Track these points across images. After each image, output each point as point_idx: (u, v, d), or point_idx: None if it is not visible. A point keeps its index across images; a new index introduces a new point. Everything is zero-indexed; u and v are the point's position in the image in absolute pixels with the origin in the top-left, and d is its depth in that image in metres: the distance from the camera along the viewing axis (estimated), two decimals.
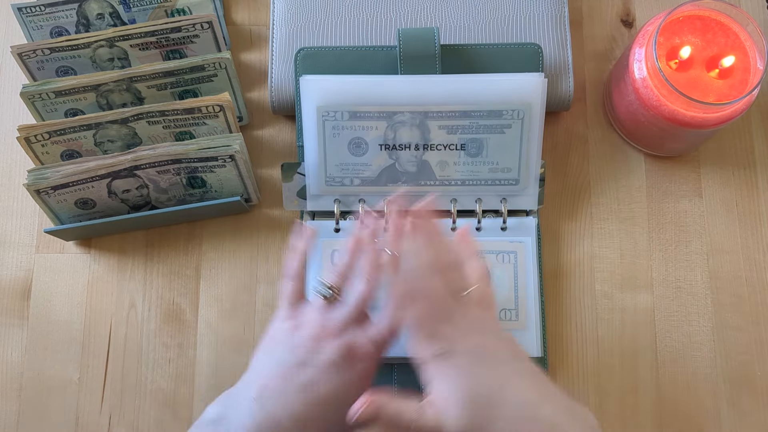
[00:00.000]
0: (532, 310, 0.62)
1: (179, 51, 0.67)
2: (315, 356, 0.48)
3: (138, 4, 0.67)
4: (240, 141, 0.62)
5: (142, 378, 0.64)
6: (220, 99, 0.62)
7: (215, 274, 0.66)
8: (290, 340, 0.50)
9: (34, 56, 0.65)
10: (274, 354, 0.50)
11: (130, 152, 0.61)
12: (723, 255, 0.66)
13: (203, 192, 0.65)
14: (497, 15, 0.67)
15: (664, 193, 0.68)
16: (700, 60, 0.61)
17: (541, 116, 0.62)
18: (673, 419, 0.63)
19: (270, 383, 0.48)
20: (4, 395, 0.63)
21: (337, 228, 0.64)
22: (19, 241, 0.67)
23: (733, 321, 0.65)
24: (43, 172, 0.61)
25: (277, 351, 0.50)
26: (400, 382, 0.63)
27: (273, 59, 0.67)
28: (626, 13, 0.72)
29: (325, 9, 0.67)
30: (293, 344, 0.49)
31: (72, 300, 0.65)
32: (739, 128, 0.69)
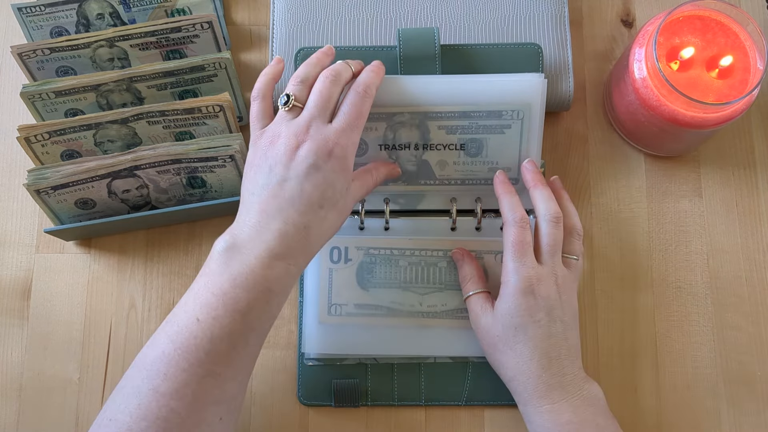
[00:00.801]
0: None
1: (179, 51, 0.67)
2: (292, 168, 0.51)
3: (138, 4, 0.67)
4: (240, 141, 0.62)
5: None
6: (220, 99, 0.62)
7: None
8: (267, 162, 0.52)
9: (34, 56, 0.65)
10: (257, 181, 0.52)
11: (130, 152, 0.61)
12: (723, 255, 0.66)
13: (203, 192, 0.65)
14: (497, 15, 0.67)
15: (664, 193, 0.68)
16: (700, 60, 0.61)
17: (541, 116, 0.62)
18: (673, 419, 0.63)
19: (265, 207, 0.50)
20: (4, 395, 0.63)
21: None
22: (19, 241, 0.67)
23: (733, 321, 0.65)
24: (43, 172, 0.61)
25: (259, 177, 0.52)
26: (400, 381, 0.63)
27: (273, 59, 0.67)
28: (626, 13, 0.72)
29: (325, 9, 0.67)
30: (270, 165, 0.52)
31: (72, 300, 0.66)
32: (739, 128, 0.69)
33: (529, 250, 0.56)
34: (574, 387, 0.55)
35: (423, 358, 0.63)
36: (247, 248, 0.49)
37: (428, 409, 0.63)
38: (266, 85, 0.56)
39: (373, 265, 0.63)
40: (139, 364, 0.49)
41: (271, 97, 0.57)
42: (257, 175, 0.52)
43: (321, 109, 0.53)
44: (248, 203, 0.52)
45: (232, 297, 0.48)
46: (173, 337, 0.48)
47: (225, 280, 0.48)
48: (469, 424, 0.63)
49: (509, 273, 0.56)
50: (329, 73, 0.55)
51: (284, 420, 0.63)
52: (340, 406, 0.62)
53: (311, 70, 0.56)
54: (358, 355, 0.62)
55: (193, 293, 0.50)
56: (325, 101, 0.53)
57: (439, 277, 0.63)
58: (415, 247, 0.63)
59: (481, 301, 0.59)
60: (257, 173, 0.52)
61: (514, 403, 0.62)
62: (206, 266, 0.51)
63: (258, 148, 0.53)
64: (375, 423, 0.63)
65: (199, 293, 0.49)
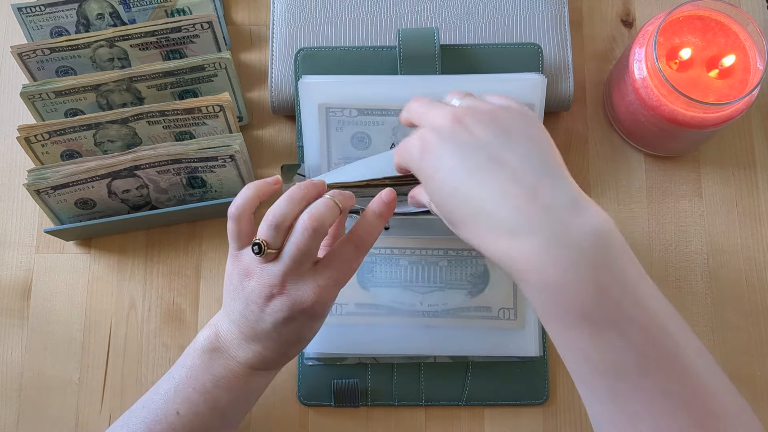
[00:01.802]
0: (530, 310, 0.62)
1: (179, 51, 0.67)
2: (267, 314, 0.49)
3: (138, 4, 0.67)
4: (240, 141, 0.62)
5: (142, 378, 0.64)
6: (220, 99, 0.62)
7: (215, 274, 0.66)
8: (243, 293, 0.50)
9: (34, 56, 0.65)
10: (235, 303, 0.51)
11: (130, 152, 0.61)
12: (723, 255, 0.66)
13: (203, 192, 0.65)
14: (497, 15, 0.67)
15: (664, 193, 0.68)
16: (700, 60, 0.61)
17: (541, 116, 0.62)
18: None
19: (244, 331, 0.50)
20: (4, 395, 0.63)
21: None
22: (19, 241, 0.67)
23: (733, 321, 0.65)
24: (43, 172, 0.61)
25: (236, 301, 0.50)
26: (400, 381, 0.63)
27: (273, 59, 0.67)
28: (626, 13, 0.72)
29: (325, 9, 0.67)
30: (246, 299, 0.49)
31: (72, 300, 0.65)
32: (739, 128, 0.69)
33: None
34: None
35: (423, 358, 0.63)
36: (230, 354, 0.50)
37: (428, 409, 0.63)
38: (246, 204, 0.50)
39: (374, 265, 0.63)
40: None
41: (250, 218, 0.51)
42: (235, 300, 0.50)
43: (298, 264, 0.48)
44: (229, 315, 0.51)
45: (214, 396, 0.50)
46: (151, 426, 0.50)
47: (208, 380, 0.50)
48: (469, 424, 0.63)
49: (420, 187, 0.50)
50: (310, 224, 0.47)
51: (284, 420, 0.63)
52: (340, 406, 0.62)
53: (289, 211, 0.48)
54: (358, 355, 0.62)
55: (174, 384, 0.51)
56: (302, 256, 0.48)
57: (440, 276, 0.63)
58: (415, 246, 0.63)
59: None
60: (235, 298, 0.50)
61: (514, 403, 0.63)
62: (188, 358, 0.51)
63: (235, 269, 0.50)
64: (375, 423, 0.63)
65: (180, 386, 0.50)
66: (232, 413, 0.51)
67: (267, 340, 0.50)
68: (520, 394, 0.62)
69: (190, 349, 0.52)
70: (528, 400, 0.62)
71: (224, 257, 0.66)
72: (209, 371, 0.50)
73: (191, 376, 0.50)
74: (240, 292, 0.50)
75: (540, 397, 0.62)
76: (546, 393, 0.63)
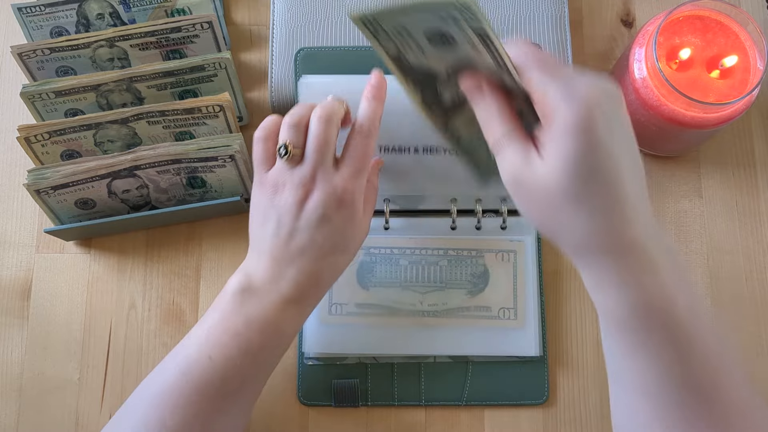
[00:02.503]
0: (531, 310, 0.62)
1: (179, 51, 0.67)
2: (302, 219, 0.50)
3: (138, 4, 0.67)
4: (240, 141, 0.62)
5: (141, 378, 0.63)
6: (220, 99, 0.62)
7: (215, 274, 0.66)
8: (275, 210, 0.50)
9: (34, 56, 0.65)
10: (266, 227, 0.51)
11: (130, 152, 0.61)
12: (723, 255, 0.66)
13: (203, 192, 0.65)
14: (497, 15, 0.67)
15: (664, 193, 0.68)
16: (700, 60, 0.61)
17: None
18: None
19: (276, 255, 0.50)
20: (4, 395, 0.63)
21: None
22: (19, 241, 0.67)
23: (733, 321, 0.65)
24: (43, 172, 0.61)
25: (268, 225, 0.50)
26: (400, 381, 0.63)
27: (273, 59, 0.67)
28: (626, 13, 0.72)
29: (325, 9, 0.67)
30: (278, 215, 0.50)
31: (72, 300, 0.66)
32: (739, 128, 0.69)
33: (559, 65, 0.42)
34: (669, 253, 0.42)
35: (423, 358, 0.63)
36: (261, 292, 0.50)
37: (428, 409, 0.63)
38: (273, 125, 0.53)
39: (374, 265, 0.63)
40: (145, 393, 0.49)
41: (276, 139, 0.53)
42: (266, 223, 0.51)
43: (322, 154, 0.50)
44: (259, 248, 0.51)
45: (246, 338, 0.49)
46: (185, 370, 0.48)
47: (240, 322, 0.49)
48: (469, 424, 0.63)
49: (558, 102, 0.40)
50: (322, 114, 0.51)
51: (284, 420, 0.63)
52: (340, 406, 0.62)
53: (303, 111, 0.52)
54: (358, 355, 0.62)
55: (206, 329, 0.50)
56: (323, 145, 0.50)
57: (440, 275, 0.63)
58: (415, 246, 0.63)
59: (521, 146, 0.42)
60: (266, 221, 0.51)
61: (514, 403, 0.63)
62: (219, 302, 0.51)
63: (263, 193, 0.52)
64: (375, 423, 0.63)
65: (212, 331, 0.49)
66: (264, 358, 0.50)
67: (301, 259, 0.49)
68: (520, 394, 0.62)
69: (221, 294, 0.51)
70: (528, 400, 0.62)
71: (224, 257, 0.66)
72: (241, 313, 0.49)
73: (223, 318, 0.49)
74: (271, 211, 0.50)
75: (540, 397, 0.62)
76: (546, 393, 0.63)
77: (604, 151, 0.40)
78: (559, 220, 0.41)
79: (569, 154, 0.39)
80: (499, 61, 0.41)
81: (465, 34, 0.40)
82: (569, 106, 0.39)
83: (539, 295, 0.63)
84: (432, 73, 0.44)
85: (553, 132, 0.40)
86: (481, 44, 0.41)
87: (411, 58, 0.44)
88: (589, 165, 0.40)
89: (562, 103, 0.39)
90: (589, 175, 0.40)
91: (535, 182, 0.41)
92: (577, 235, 0.41)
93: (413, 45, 0.43)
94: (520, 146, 0.42)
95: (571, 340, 0.64)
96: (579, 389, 0.63)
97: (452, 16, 0.40)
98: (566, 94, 0.39)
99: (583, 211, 0.40)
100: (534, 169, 0.41)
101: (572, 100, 0.39)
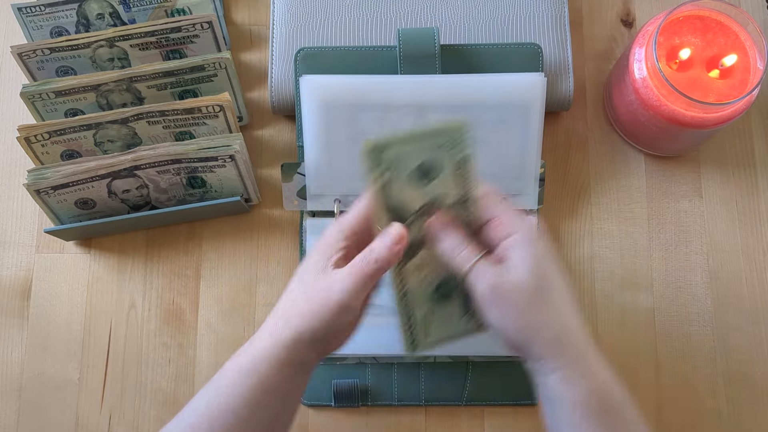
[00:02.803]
0: None
1: (179, 51, 0.67)
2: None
3: (138, 4, 0.67)
4: (240, 141, 0.62)
5: (142, 378, 0.64)
6: (220, 99, 0.62)
7: (215, 274, 0.66)
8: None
9: (34, 56, 0.65)
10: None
11: (130, 152, 0.61)
12: (723, 255, 0.66)
13: (203, 192, 0.65)
14: (497, 15, 0.67)
15: (664, 193, 0.68)
16: (700, 60, 0.61)
17: (541, 116, 0.62)
18: (673, 419, 0.63)
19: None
20: (4, 395, 0.63)
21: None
22: (19, 241, 0.67)
23: (733, 321, 0.65)
24: (43, 172, 0.61)
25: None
26: (400, 381, 0.63)
27: (273, 59, 0.67)
28: (626, 13, 0.72)
29: (325, 9, 0.67)
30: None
31: (72, 300, 0.66)
32: (739, 128, 0.69)
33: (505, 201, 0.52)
34: (593, 342, 0.50)
35: (423, 358, 0.63)
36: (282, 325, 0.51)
37: (428, 409, 0.63)
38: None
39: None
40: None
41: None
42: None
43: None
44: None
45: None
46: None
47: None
48: (469, 424, 0.63)
49: (515, 221, 0.49)
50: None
51: None
52: (340, 406, 0.62)
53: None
54: (358, 355, 0.62)
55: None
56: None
57: None
58: None
59: (490, 262, 0.49)
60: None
61: (514, 403, 0.63)
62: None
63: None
64: (375, 423, 0.63)
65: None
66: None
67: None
68: (520, 394, 0.62)
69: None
70: (528, 400, 0.62)
71: (224, 257, 0.66)
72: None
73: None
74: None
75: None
76: None
77: (552, 262, 0.49)
78: (536, 318, 0.48)
79: (531, 257, 0.48)
80: (467, 189, 0.51)
81: (451, 161, 0.50)
82: (523, 225, 0.49)
83: None
84: (406, 209, 0.50)
85: (515, 243, 0.49)
86: (459, 172, 0.50)
87: (394, 190, 0.50)
88: (545, 266, 0.49)
89: (519, 222, 0.49)
90: (550, 277, 0.48)
91: (511, 287, 0.48)
92: (555, 328, 0.48)
93: (402, 178, 0.50)
94: (489, 263, 0.49)
95: None
96: None
97: (449, 142, 0.50)
98: (519, 217, 0.50)
99: (554, 305, 0.48)
100: (507, 277, 0.48)
101: (523, 222, 0.50)
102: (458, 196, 0.51)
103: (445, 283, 0.53)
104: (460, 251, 0.50)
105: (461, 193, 0.51)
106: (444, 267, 0.52)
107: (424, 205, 0.51)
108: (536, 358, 0.48)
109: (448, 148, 0.50)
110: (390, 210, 0.51)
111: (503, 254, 0.49)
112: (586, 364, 0.48)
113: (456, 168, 0.50)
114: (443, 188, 0.51)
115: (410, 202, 0.51)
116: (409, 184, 0.50)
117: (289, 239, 0.67)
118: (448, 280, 0.53)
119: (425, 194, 0.51)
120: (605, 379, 0.48)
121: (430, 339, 0.54)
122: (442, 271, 0.53)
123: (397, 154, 0.49)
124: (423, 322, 0.53)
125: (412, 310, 0.53)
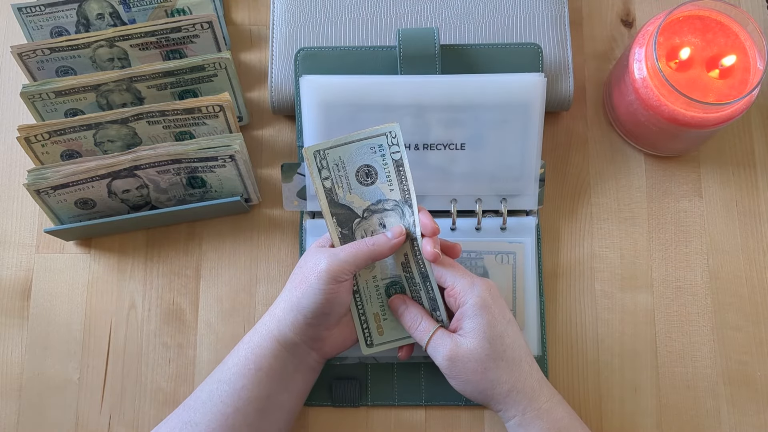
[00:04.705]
0: (531, 311, 0.62)
1: (179, 51, 0.67)
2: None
3: (138, 4, 0.67)
4: (240, 141, 0.62)
5: (142, 378, 0.64)
6: (220, 99, 0.62)
7: (215, 274, 0.66)
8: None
9: (34, 56, 0.65)
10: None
11: (130, 152, 0.61)
12: (723, 255, 0.66)
13: (203, 192, 0.65)
14: (497, 15, 0.67)
15: (664, 193, 0.68)
16: (700, 60, 0.61)
17: (541, 116, 0.62)
18: (673, 419, 0.63)
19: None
20: (4, 395, 0.63)
21: None
22: (19, 241, 0.67)
23: (733, 321, 0.65)
24: (43, 172, 0.61)
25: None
26: (400, 381, 0.63)
27: (273, 59, 0.67)
28: (626, 13, 0.72)
29: (325, 9, 0.67)
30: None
31: (72, 300, 0.66)
32: (739, 128, 0.69)
33: (459, 265, 0.57)
34: (546, 382, 0.55)
35: (423, 358, 0.63)
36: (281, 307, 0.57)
37: (428, 409, 0.63)
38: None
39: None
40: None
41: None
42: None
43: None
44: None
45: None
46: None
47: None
48: (469, 424, 0.63)
49: (466, 291, 0.54)
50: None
51: None
52: (340, 406, 0.62)
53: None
54: (358, 355, 0.62)
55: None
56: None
57: None
58: None
59: (446, 333, 0.55)
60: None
61: None
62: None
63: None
64: (375, 423, 0.63)
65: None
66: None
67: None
68: None
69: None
70: None
71: (224, 257, 0.66)
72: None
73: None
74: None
75: None
76: None
77: (502, 320, 0.54)
78: (491, 378, 0.53)
79: (482, 325, 0.53)
80: (403, 192, 0.56)
81: (385, 166, 0.55)
82: (473, 294, 0.54)
83: (539, 296, 0.63)
84: (352, 211, 0.56)
85: (466, 313, 0.54)
86: (395, 176, 0.55)
87: (339, 194, 0.55)
88: (496, 330, 0.53)
89: (469, 291, 0.54)
90: (500, 337, 0.53)
91: (466, 354, 0.53)
92: (509, 382, 0.53)
93: (344, 182, 0.55)
94: (446, 334, 0.55)
95: (571, 341, 0.64)
96: (579, 389, 0.63)
97: (380, 145, 0.55)
98: (470, 285, 0.54)
99: (507, 362, 0.53)
100: (461, 345, 0.54)
101: (474, 289, 0.54)
102: (409, 232, 0.56)
103: (394, 283, 0.58)
104: (417, 326, 0.56)
105: (408, 221, 0.56)
106: (392, 269, 0.57)
107: (369, 207, 0.56)
108: (496, 409, 0.55)
109: (380, 153, 0.55)
110: (338, 212, 0.56)
111: (457, 324, 0.55)
112: (537, 405, 0.53)
113: (389, 172, 0.56)
114: (384, 191, 0.56)
115: (356, 203, 0.56)
116: (353, 189, 0.56)
117: (289, 239, 0.67)
118: (398, 281, 0.57)
119: (369, 196, 0.56)
120: (561, 417, 0.54)
121: (384, 337, 0.58)
122: (391, 272, 0.57)
123: (335, 159, 0.55)
124: (375, 321, 0.58)
125: (363, 308, 0.57)
